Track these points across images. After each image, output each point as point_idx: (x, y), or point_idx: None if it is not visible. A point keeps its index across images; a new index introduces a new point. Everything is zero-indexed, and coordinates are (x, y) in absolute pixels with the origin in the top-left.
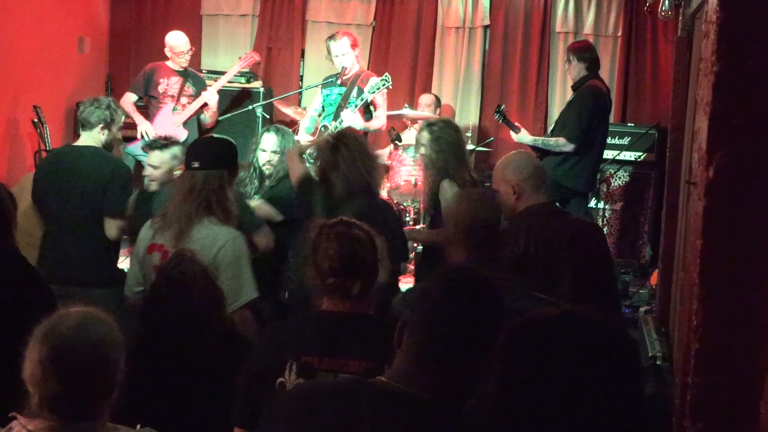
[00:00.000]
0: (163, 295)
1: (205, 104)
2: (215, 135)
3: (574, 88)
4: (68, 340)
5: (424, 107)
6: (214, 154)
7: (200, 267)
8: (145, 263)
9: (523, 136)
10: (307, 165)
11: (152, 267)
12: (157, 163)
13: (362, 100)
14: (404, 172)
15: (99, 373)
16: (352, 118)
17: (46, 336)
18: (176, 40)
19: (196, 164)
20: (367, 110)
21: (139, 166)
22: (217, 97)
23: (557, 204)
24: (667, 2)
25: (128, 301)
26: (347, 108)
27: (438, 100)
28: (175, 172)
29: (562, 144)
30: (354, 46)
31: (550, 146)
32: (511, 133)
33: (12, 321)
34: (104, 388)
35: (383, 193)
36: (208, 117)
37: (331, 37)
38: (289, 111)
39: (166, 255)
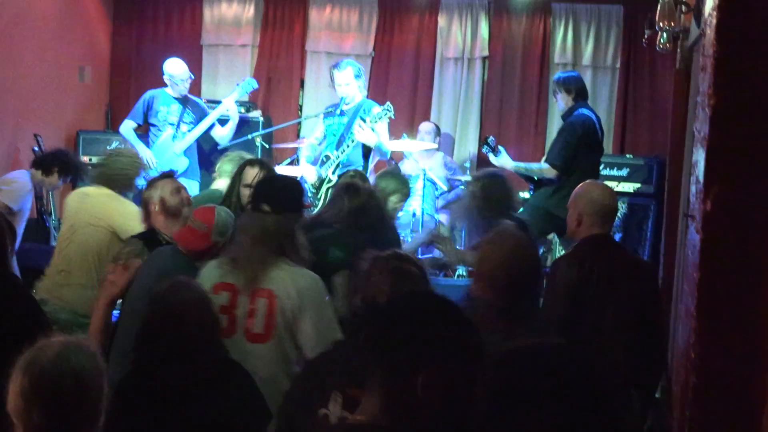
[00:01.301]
0: (158, 326)
1: (213, 126)
2: (281, 174)
3: (564, 118)
4: (48, 370)
5: (424, 135)
6: (285, 197)
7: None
8: None
9: (505, 161)
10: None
11: (218, 306)
12: None
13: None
14: None
15: (82, 402)
16: (366, 134)
17: (27, 367)
18: (175, 68)
19: (266, 207)
20: None
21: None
22: (235, 106)
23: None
24: (665, 35)
25: None
26: (349, 137)
27: (438, 128)
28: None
29: (545, 169)
30: (358, 75)
31: (532, 172)
32: (490, 155)
33: (7, 349)
34: (88, 417)
35: None
36: (227, 130)
37: (336, 66)
38: (288, 145)
39: (236, 294)
